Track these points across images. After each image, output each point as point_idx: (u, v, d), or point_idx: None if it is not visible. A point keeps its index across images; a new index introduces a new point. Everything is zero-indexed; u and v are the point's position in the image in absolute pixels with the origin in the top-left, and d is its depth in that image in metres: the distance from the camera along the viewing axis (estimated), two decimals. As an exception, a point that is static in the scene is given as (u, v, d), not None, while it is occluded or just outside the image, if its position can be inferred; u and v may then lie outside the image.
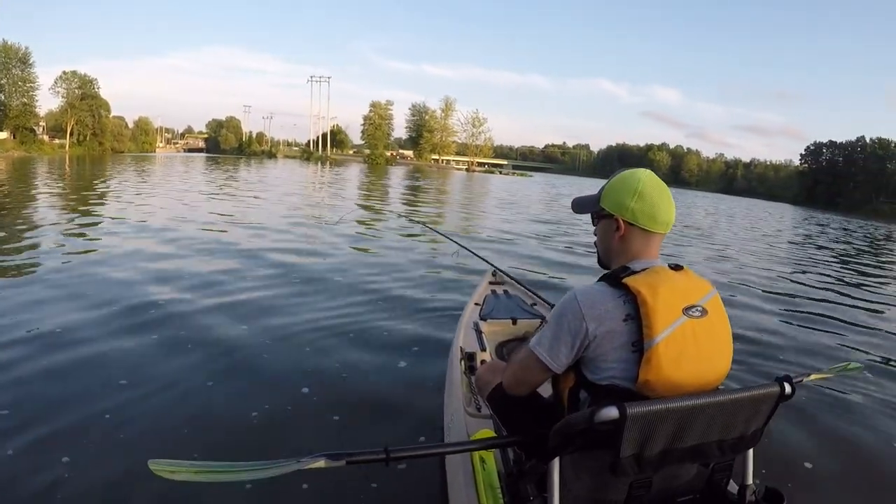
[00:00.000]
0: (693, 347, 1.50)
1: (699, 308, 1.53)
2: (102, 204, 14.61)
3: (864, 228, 36.67)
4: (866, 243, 24.26)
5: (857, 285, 11.07)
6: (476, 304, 3.97)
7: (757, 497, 1.71)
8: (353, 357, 4.41)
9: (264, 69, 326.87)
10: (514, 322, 3.60)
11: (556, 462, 1.57)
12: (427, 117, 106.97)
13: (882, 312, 8.44)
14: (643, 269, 1.59)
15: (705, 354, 1.53)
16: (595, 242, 1.82)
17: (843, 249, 19.28)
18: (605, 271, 1.73)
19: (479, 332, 3.36)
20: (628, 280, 1.54)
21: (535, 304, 4.02)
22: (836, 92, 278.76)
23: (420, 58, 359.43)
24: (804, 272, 12.02)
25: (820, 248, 18.96)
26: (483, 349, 3.13)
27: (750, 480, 1.72)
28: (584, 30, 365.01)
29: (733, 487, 1.76)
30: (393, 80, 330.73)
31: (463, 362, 2.98)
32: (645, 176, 1.70)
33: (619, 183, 1.71)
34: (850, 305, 8.59)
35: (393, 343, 4.80)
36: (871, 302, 9.15)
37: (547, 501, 1.59)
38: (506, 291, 4.30)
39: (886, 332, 7.03)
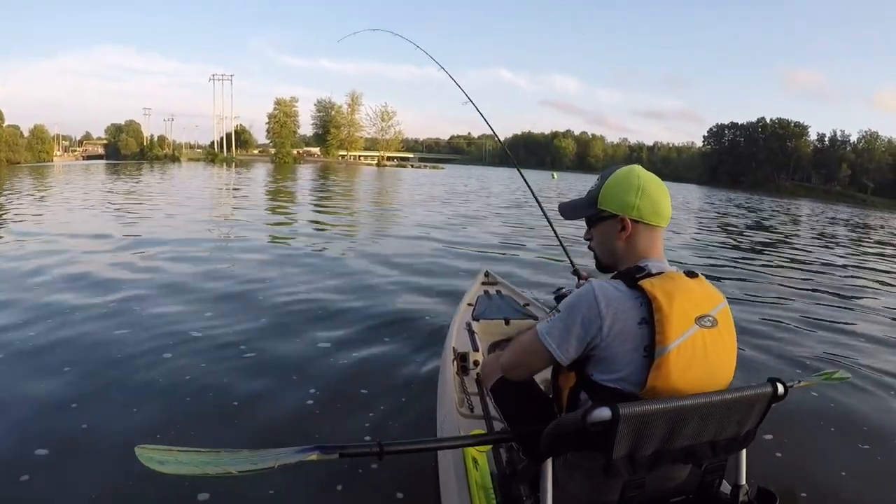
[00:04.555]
0: (702, 357, 1.50)
1: (710, 318, 1.53)
2: None
3: (774, 205, 38.42)
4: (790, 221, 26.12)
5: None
6: (469, 304, 3.99)
7: (749, 497, 1.73)
8: (345, 357, 4.40)
9: (162, 70, 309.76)
10: (507, 322, 3.62)
11: (549, 462, 1.55)
12: (333, 113, 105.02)
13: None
14: (658, 273, 1.58)
15: (712, 365, 1.52)
16: (591, 246, 1.79)
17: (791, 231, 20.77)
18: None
19: (471, 332, 3.34)
20: (645, 283, 1.51)
21: (527, 305, 4.03)
22: (731, 77, 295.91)
23: (316, 52, 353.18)
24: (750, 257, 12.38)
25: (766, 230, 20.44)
26: (476, 349, 3.13)
27: (743, 481, 1.74)
28: (476, 18, 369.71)
29: (726, 488, 1.78)
30: (292, 77, 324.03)
31: (455, 363, 3.01)
32: (642, 172, 1.70)
33: (618, 182, 1.69)
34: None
35: (386, 343, 4.79)
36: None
37: (539, 502, 1.58)
38: (498, 292, 4.31)
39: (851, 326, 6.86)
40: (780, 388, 1.55)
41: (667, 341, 1.46)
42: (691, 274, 1.61)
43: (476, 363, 2.94)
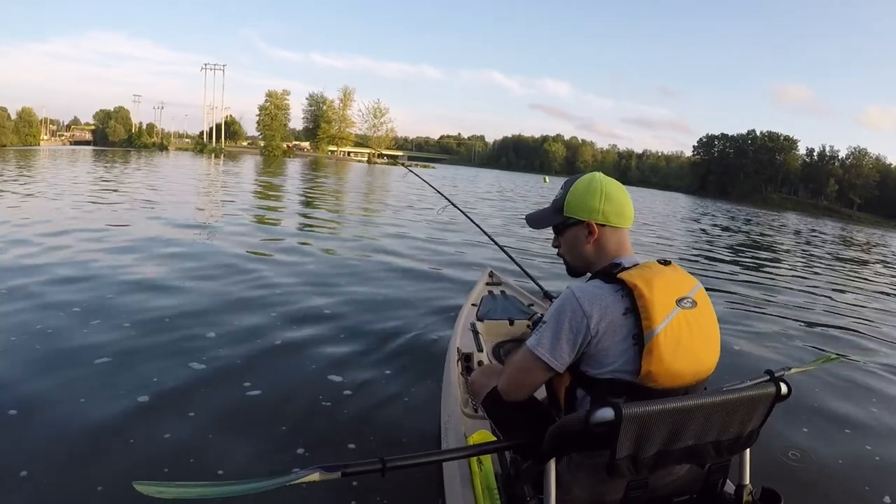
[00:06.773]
0: (688, 337, 1.53)
1: (690, 300, 1.57)
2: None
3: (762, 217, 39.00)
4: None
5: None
6: (473, 304, 3.97)
7: (754, 497, 1.71)
8: (348, 357, 4.29)
9: (153, 57, 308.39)
10: (512, 323, 3.59)
11: (552, 463, 1.56)
12: (325, 107, 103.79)
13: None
14: (634, 265, 1.63)
15: (698, 343, 1.56)
16: (560, 253, 1.83)
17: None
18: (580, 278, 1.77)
19: (475, 332, 3.36)
20: (623, 275, 1.56)
21: (531, 305, 4.02)
22: (722, 89, 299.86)
23: (309, 46, 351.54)
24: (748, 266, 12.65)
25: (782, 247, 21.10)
26: (480, 350, 3.14)
27: (747, 481, 1.72)
28: (473, 19, 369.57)
29: (730, 488, 1.76)
30: (283, 71, 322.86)
31: (460, 363, 3.02)
32: (603, 178, 1.76)
33: (581, 189, 1.74)
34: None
35: (389, 343, 4.66)
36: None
37: (544, 502, 1.58)
38: (503, 292, 4.29)
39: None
40: (784, 388, 1.55)
41: (653, 325, 1.49)
42: (665, 262, 1.65)
43: (480, 364, 2.92)
